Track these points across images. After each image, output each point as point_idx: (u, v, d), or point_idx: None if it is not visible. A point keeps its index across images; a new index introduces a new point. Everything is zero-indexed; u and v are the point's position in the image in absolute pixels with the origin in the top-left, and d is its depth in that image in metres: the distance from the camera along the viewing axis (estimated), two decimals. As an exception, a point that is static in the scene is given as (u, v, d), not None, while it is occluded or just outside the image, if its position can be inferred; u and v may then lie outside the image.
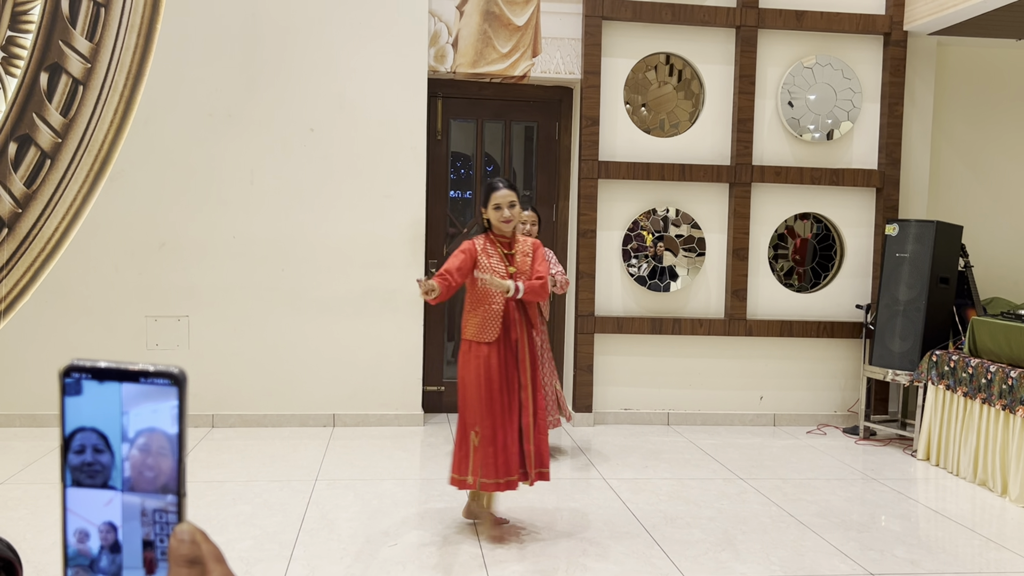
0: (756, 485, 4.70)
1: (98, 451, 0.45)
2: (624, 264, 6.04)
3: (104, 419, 0.45)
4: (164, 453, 0.45)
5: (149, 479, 0.45)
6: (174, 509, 0.46)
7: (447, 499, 4.31)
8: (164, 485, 0.45)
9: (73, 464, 0.45)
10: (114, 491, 0.45)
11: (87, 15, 5.45)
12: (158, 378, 0.46)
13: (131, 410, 0.45)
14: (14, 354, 5.49)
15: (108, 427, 0.45)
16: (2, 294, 5.48)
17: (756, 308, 6.16)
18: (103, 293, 5.55)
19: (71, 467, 0.45)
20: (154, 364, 0.46)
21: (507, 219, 3.69)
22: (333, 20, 5.66)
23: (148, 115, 5.54)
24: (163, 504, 0.45)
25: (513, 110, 6.26)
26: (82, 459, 0.45)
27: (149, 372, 0.46)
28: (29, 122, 5.44)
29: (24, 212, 5.47)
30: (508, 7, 5.86)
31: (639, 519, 4.09)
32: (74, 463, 0.45)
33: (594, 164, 5.91)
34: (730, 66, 6.05)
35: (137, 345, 5.59)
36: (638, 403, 6.10)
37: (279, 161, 5.66)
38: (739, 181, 6.03)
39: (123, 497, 0.45)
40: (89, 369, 0.46)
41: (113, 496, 0.45)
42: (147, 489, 0.45)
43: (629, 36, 5.97)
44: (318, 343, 5.74)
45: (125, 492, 0.45)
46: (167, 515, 0.46)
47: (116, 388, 0.45)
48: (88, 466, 0.45)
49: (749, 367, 6.16)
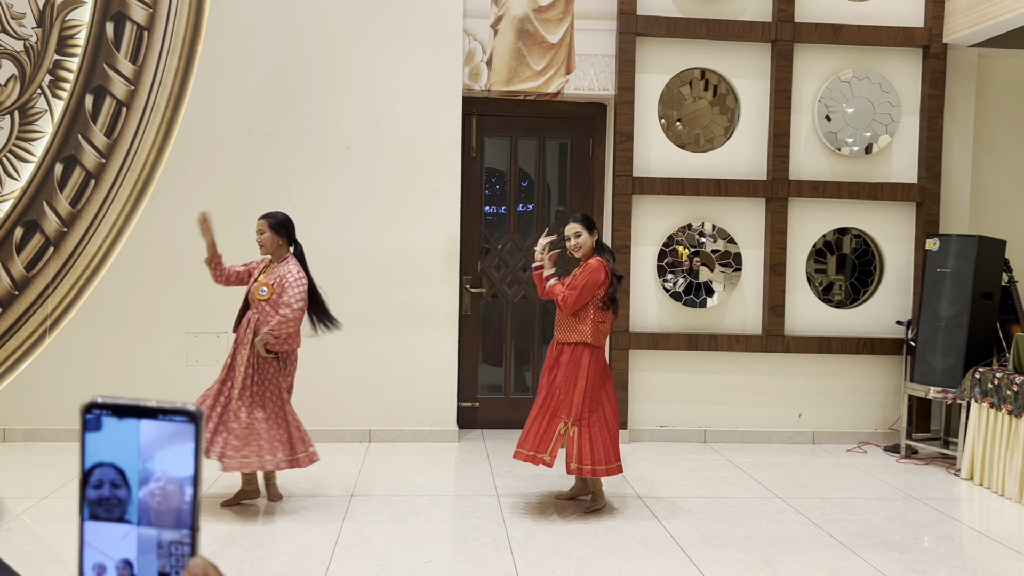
0: (795, 504, 4.63)
1: (115, 486, 0.46)
2: (659, 280, 6.01)
3: (122, 455, 0.46)
4: (179, 489, 0.46)
5: (164, 514, 0.46)
6: (188, 541, 0.47)
7: (481, 516, 4.31)
8: (178, 520, 0.46)
9: (91, 498, 0.46)
10: (130, 525, 0.46)
11: (131, 38, 5.59)
12: (175, 415, 0.47)
13: (148, 446, 0.46)
14: (59, 369, 5.61)
15: (126, 463, 0.46)
16: (48, 311, 5.61)
17: (794, 324, 6.09)
18: (145, 310, 5.65)
19: (89, 501, 0.46)
20: (171, 402, 0.47)
21: (574, 247, 4.36)
22: (369, 40, 5.73)
23: (189, 135, 5.65)
24: (178, 537, 0.46)
25: (547, 127, 6.28)
26: (100, 494, 0.46)
27: (167, 409, 0.47)
28: (75, 143, 5.58)
29: (69, 231, 5.60)
30: (542, 25, 5.89)
31: (675, 538, 4.06)
32: (92, 497, 0.46)
33: (628, 180, 5.90)
34: (766, 80, 6.02)
35: (177, 361, 5.68)
36: (674, 420, 6.05)
37: (316, 179, 5.73)
38: (776, 196, 5.98)
39: (139, 531, 0.46)
40: (109, 406, 0.47)
41: (129, 530, 0.46)
42: (162, 524, 0.46)
43: (663, 52, 5.97)
44: (354, 359, 5.78)
45: (141, 526, 0.46)
46: (182, 547, 0.46)
47: (135, 425, 0.46)
48: (105, 500, 0.46)
49: (787, 384, 6.09)
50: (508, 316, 6.31)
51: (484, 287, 6.23)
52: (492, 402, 6.30)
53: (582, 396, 4.27)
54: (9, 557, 3.64)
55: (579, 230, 4.33)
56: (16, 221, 5.56)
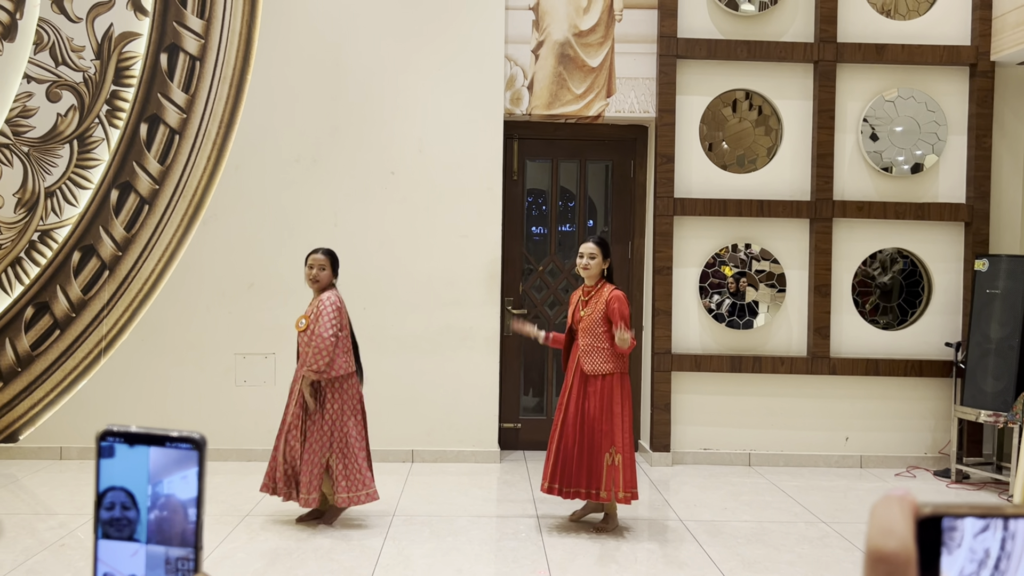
0: (840, 529, 4.56)
1: (125, 508, 0.51)
2: (701, 301, 5.99)
3: (132, 479, 0.51)
4: (184, 511, 0.51)
5: (170, 534, 0.51)
6: (192, 558, 0.51)
7: (521, 537, 4.33)
8: (183, 539, 0.51)
9: (104, 519, 0.51)
10: (139, 544, 0.51)
11: (183, 68, 5.78)
12: (181, 443, 0.52)
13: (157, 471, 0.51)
14: (113, 389, 5.78)
15: (135, 486, 0.51)
16: (103, 332, 5.79)
17: (840, 346, 6.02)
18: (195, 331, 5.81)
19: (102, 521, 0.51)
20: (178, 430, 0.52)
21: (584, 267, 4.38)
22: (413, 67, 5.85)
23: (239, 161, 5.81)
24: (184, 553, 0.51)
25: (588, 149, 6.33)
26: (111, 515, 0.51)
27: (173, 437, 0.52)
28: (130, 170, 5.77)
29: (124, 255, 5.79)
30: (583, 49, 5.95)
31: (716, 563, 4.03)
32: (104, 518, 0.51)
33: (670, 201, 5.91)
34: (808, 101, 5.99)
35: (226, 381, 5.81)
36: (718, 443, 6.00)
37: (361, 204, 5.85)
38: (820, 216, 5.93)
39: (147, 548, 0.51)
40: (121, 434, 0.52)
41: (138, 548, 0.51)
42: (168, 542, 0.51)
43: (704, 74, 5.98)
44: (397, 380, 5.86)
45: (149, 544, 0.51)
46: (188, 563, 0.51)
47: (144, 451, 0.52)
48: (117, 521, 0.51)
49: (833, 407, 6.01)
50: (550, 337, 6.33)
51: (526, 308, 6.27)
52: (534, 423, 6.32)
53: (626, 424, 4.30)
54: (63, 572, 3.76)
55: (595, 252, 4.35)
56: (74, 246, 5.77)
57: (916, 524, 0.43)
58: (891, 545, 0.42)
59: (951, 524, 0.43)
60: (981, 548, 0.43)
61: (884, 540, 0.42)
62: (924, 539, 0.43)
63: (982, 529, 0.43)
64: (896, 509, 0.43)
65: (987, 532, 0.43)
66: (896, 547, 0.42)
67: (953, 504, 0.44)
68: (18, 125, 5.75)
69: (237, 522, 4.48)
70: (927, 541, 0.43)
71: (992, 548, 0.43)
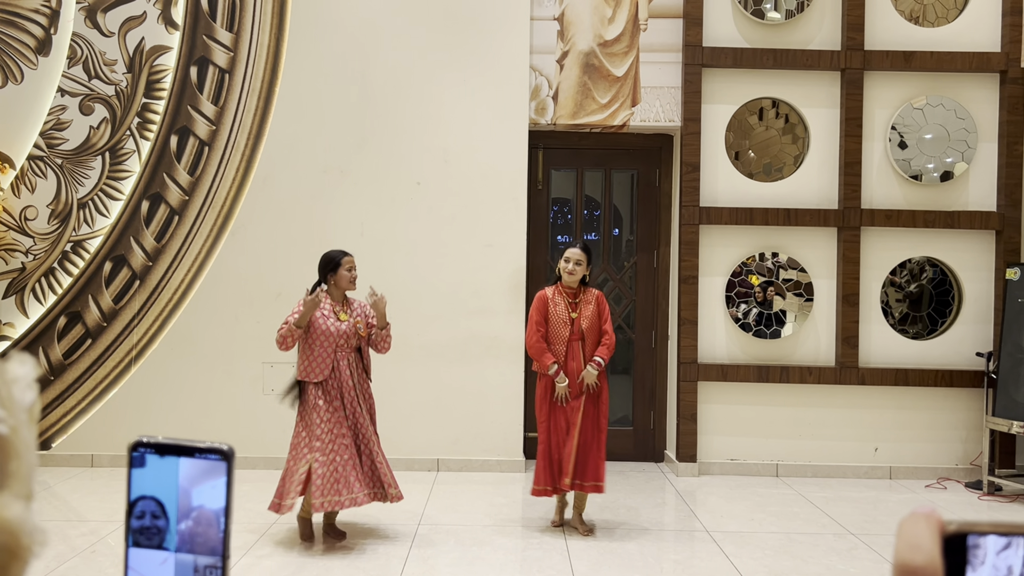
0: (869, 541, 4.51)
1: (155, 517, 0.52)
2: (728, 310, 5.96)
3: (162, 489, 0.53)
4: (212, 521, 0.52)
5: (199, 543, 0.52)
6: (220, 566, 0.53)
7: (546, 547, 4.32)
8: (212, 548, 0.52)
9: (134, 527, 0.53)
10: (168, 552, 0.52)
11: (213, 81, 5.86)
12: (210, 454, 0.53)
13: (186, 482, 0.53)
14: (144, 397, 5.85)
15: (165, 496, 0.53)
16: (134, 341, 5.87)
17: (869, 356, 5.96)
18: (224, 340, 5.87)
19: (133, 530, 0.53)
20: (207, 441, 0.54)
21: (570, 272, 4.52)
22: (438, 79, 5.89)
23: (267, 172, 5.87)
24: (212, 562, 0.52)
25: (613, 158, 6.33)
26: (142, 524, 0.53)
27: (202, 448, 0.53)
28: (160, 181, 5.86)
29: (154, 265, 5.87)
30: (608, 59, 5.96)
31: (742, 573, 4.00)
32: (135, 527, 0.53)
33: (695, 210, 5.89)
34: (835, 109, 5.96)
35: (254, 390, 5.87)
36: (745, 453, 5.96)
37: (388, 214, 5.89)
38: (848, 225, 5.88)
39: (176, 557, 0.52)
40: (152, 444, 0.54)
41: (167, 556, 0.52)
42: (197, 551, 0.52)
43: (729, 82, 5.97)
44: (423, 389, 5.88)
45: (178, 553, 0.52)
46: (216, 571, 0.52)
47: (174, 462, 0.53)
48: (147, 530, 0.53)
49: (862, 417, 5.94)
50: (575, 347, 6.33)
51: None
52: (560, 433, 6.30)
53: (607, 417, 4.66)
54: (93, 578, 3.81)
55: (581, 259, 4.52)
56: (106, 256, 5.86)
57: (942, 540, 0.44)
58: (918, 560, 0.43)
59: (975, 541, 0.44)
60: (1004, 565, 0.44)
61: (912, 555, 0.43)
62: (950, 555, 0.44)
63: (1004, 547, 0.44)
64: (923, 525, 0.44)
65: (1009, 550, 0.44)
66: (923, 562, 0.43)
67: (977, 522, 0.45)
68: (52, 138, 5.86)
69: (264, 530, 4.51)
70: (953, 557, 0.44)
71: (1015, 565, 0.44)
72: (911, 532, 0.44)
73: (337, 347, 4.28)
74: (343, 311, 4.35)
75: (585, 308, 4.55)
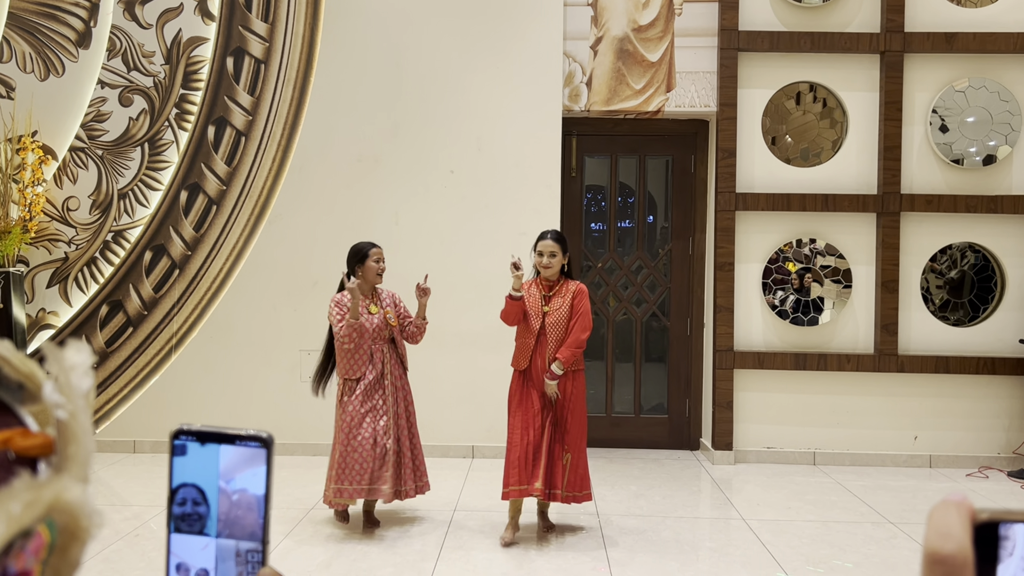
0: (908, 531, 4.46)
1: (196, 503, 0.54)
2: (765, 297, 5.90)
3: (203, 476, 0.54)
4: (252, 507, 0.53)
5: (239, 528, 0.53)
6: (261, 551, 0.54)
7: (581, 534, 4.33)
8: (252, 533, 0.53)
9: (176, 514, 0.54)
10: (209, 537, 0.54)
11: (249, 71, 5.91)
12: (250, 441, 0.54)
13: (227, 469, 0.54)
14: (184, 385, 5.95)
15: (206, 483, 0.54)
16: (174, 329, 5.96)
17: (908, 343, 5.87)
18: (261, 328, 5.94)
19: (174, 516, 0.54)
20: (247, 429, 0.54)
21: (546, 265, 4.19)
22: (471, 66, 5.89)
23: (303, 162, 5.92)
24: (253, 546, 0.53)
25: (647, 144, 6.28)
26: (183, 510, 0.54)
27: (243, 436, 0.54)
28: (198, 172, 5.93)
29: (193, 254, 5.95)
30: (642, 44, 5.92)
31: (779, 562, 3.97)
32: (177, 513, 0.54)
33: (731, 196, 5.84)
34: (875, 92, 5.86)
35: (291, 377, 5.93)
36: (781, 442, 5.91)
37: (422, 202, 5.91)
38: (887, 210, 5.79)
39: (217, 542, 0.53)
40: (194, 432, 0.55)
41: (208, 542, 0.54)
42: (238, 536, 0.53)
43: (766, 67, 5.89)
44: (457, 376, 5.91)
45: (219, 538, 0.53)
46: (257, 555, 0.53)
47: (215, 449, 0.54)
48: (188, 516, 0.54)
49: (902, 405, 5.86)
50: (609, 335, 6.32)
51: (586, 306, 6.26)
52: (594, 420, 6.30)
53: (585, 423, 4.27)
54: (136, 562, 3.89)
55: (555, 250, 4.19)
56: (146, 245, 5.95)
57: (973, 529, 0.44)
58: (948, 548, 0.43)
59: (1007, 530, 0.44)
60: None
61: (942, 543, 0.43)
62: (981, 544, 0.44)
63: None
64: (954, 513, 0.44)
65: None
66: (953, 550, 0.43)
67: (1010, 511, 0.45)
68: (93, 129, 5.95)
69: (301, 516, 4.57)
70: (984, 546, 0.44)
71: None
72: (941, 520, 0.44)
73: (372, 340, 4.31)
74: (373, 303, 4.39)
75: (556, 301, 4.19)
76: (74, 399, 0.43)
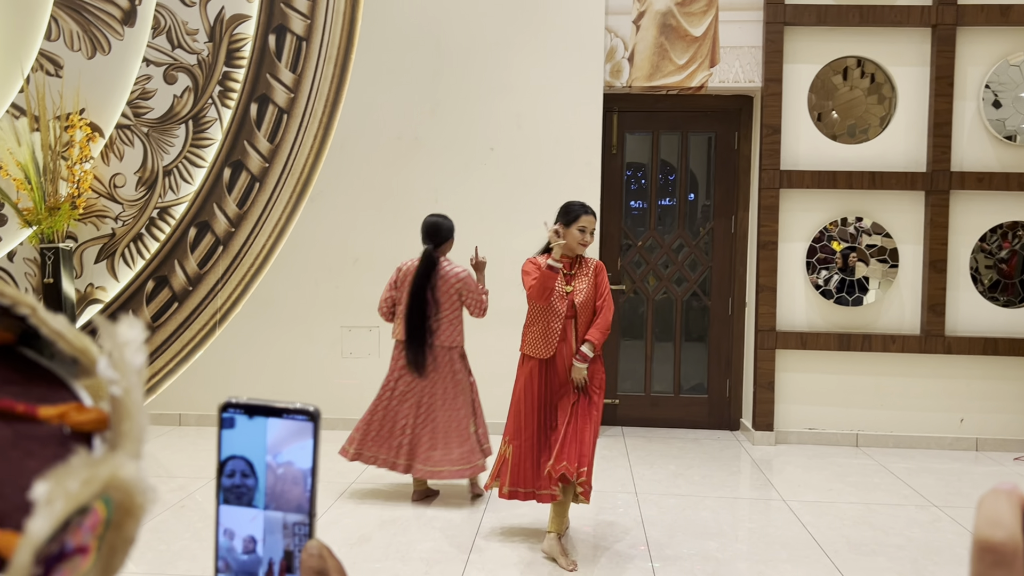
0: (953, 514, 4.39)
1: (245, 476, 0.54)
2: (809, 277, 5.82)
3: (251, 449, 0.54)
4: (299, 480, 0.54)
5: (286, 500, 0.54)
6: (308, 523, 0.54)
7: (619, 512, 4.33)
8: (299, 506, 0.54)
9: (225, 486, 0.54)
10: (257, 509, 0.54)
11: (291, 49, 5.94)
12: (297, 414, 0.54)
13: (274, 442, 0.54)
14: (228, 359, 6.04)
15: (254, 456, 0.54)
16: (218, 305, 6.05)
17: (956, 324, 5.75)
18: (304, 305, 6.00)
19: (224, 488, 0.54)
20: (294, 402, 0.55)
21: (586, 242, 3.83)
22: (513, 43, 5.84)
23: (344, 139, 5.94)
24: (300, 519, 0.54)
25: (690, 121, 6.20)
26: (232, 482, 0.54)
27: (290, 409, 0.54)
28: (241, 149, 5.98)
29: (236, 231, 6.02)
30: (686, 19, 5.82)
31: (820, 544, 3.94)
32: (226, 485, 0.54)
33: (776, 173, 5.75)
34: (925, 67, 5.71)
35: (333, 353, 6.00)
36: (824, 423, 5.85)
37: (461, 180, 5.91)
38: (936, 188, 5.66)
39: (265, 514, 0.54)
40: (242, 405, 0.55)
41: (256, 513, 0.54)
42: (285, 509, 0.54)
43: (813, 41, 5.77)
44: (497, 355, 5.92)
45: (267, 510, 0.54)
46: (304, 527, 0.54)
47: (263, 422, 0.54)
48: (237, 488, 0.54)
49: (948, 387, 5.76)
50: (649, 313, 6.29)
51: (624, 284, 6.23)
52: (632, 399, 6.30)
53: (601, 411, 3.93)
54: (183, 532, 3.98)
55: (595, 226, 3.85)
56: (190, 222, 6.03)
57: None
58: (999, 536, 0.43)
59: None
60: None
61: (992, 531, 0.43)
62: None
63: None
64: (1004, 501, 0.44)
65: None
66: (1004, 538, 0.43)
67: None
68: (138, 107, 6.03)
69: (342, 490, 4.63)
70: None
71: None
72: (992, 508, 0.44)
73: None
74: None
75: (579, 280, 3.85)
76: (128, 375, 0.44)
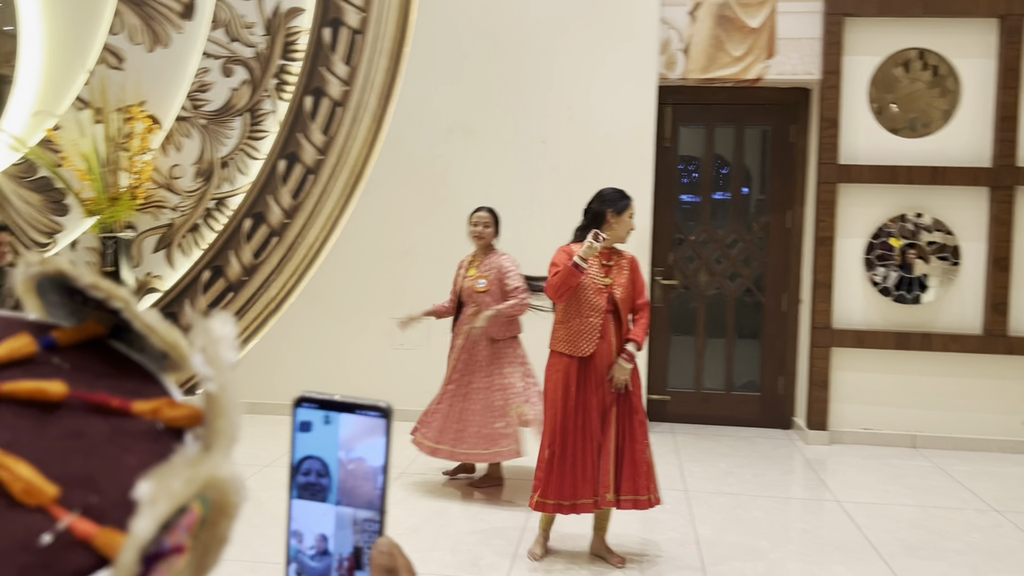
0: (1014, 519, 4.27)
1: (320, 475, 0.55)
2: (867, 274, 5.69)
3: (325, 448, 0.55)
4: (370, 476, 0.54)
5: (357, 497, 0.54)
6: (379, 519, 0.54)
7: (668, 510, 4.29)
8: (370, 503, 0.54)
9: (300, 483, 0.55)
10: (329, 505, 0.54)
11: (345, 42, 5.98)
12: (370, 411, 0.54)
13: (347, 439, 0.54)
14: (282, 349, 6.13)
15: (328, 455, 0.55)
16: (272, 295, 6.14)
17: (1019, 324, 5.58)
18: (356, 296, 6.06)
19: (298, 485, 0.55)
20: (367, 398, 0.55)
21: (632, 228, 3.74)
22: (566, 34, 5.81)
23: (397, 132, 5.97)
24: (371, 515, 0.54)
25: (745, 114, 6.11)
26: (307, 480, 0.55)
27: (363, 405, 0.54)
28: (295, 142, 6.05)
29: (291, 222, 6.09)
30: (742, 10, 5.73)
31: (875, 546, 3.86)
32: (301, 482, 0.55)
33: (833, 168, 5.63)
34: (991, 60, 5.54)
35: (383, 345, 6.04)
36: (880, 423, 5.72)
37: (513, 172, 5.90)
38: (1001, 185, 5.50)
39: (336, 510, 0.54)
40: (316, 400, 0.55)
41: (328, 509, 0.54)
42: (356, 505, 0.54)
43: (874, 32, 5.63)
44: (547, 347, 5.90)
45: (339, 506, 0.54)
46: (374, 524, 0.54)
47: (336, 418, 0.54)
48: (311, 486, 0.55)
49: (1010, 388, 5.59)
50: (700, 309, 6.21)
51: (676, 279, 6.17)
52: (683, 396, 6.23)
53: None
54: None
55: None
56: (246, 213, 6.12)
57: None
58: None
59: None
60: None
61: None
62: None
63: None
64: None
65: None
66: None
67: None
68: (196, 99, 6.13)
69: (392, 480, 4.67)
70: None
71: None
72: None
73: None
74: (472, 266, 4.52)
75: (620, 275, 3.67)
76: (223, 371, 0.43)
